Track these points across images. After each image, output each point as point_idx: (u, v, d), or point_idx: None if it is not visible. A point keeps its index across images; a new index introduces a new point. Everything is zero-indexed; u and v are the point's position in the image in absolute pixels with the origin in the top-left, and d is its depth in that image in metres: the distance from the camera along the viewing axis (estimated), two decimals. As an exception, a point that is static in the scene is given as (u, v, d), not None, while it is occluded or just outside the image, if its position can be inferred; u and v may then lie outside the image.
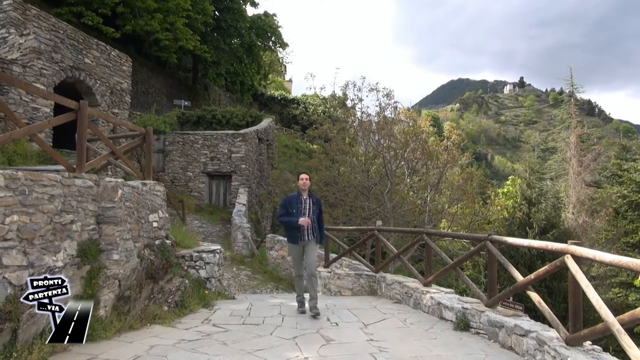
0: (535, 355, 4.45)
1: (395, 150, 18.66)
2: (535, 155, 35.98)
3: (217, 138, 21.83)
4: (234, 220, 17.07)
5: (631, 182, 18.73)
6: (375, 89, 20.23)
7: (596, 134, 32.91)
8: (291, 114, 39.54)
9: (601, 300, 3.58)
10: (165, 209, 7.91)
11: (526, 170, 24.34)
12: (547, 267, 4.64)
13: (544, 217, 19.66)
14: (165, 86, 29.94)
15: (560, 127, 29.33)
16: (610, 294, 16.90)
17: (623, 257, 3.54)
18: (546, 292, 16.27)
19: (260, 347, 4.96)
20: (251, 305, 7.35)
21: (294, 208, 6.41)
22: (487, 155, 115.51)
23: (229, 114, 25.17)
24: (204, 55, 29.01)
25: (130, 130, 9.37)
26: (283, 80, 59.56)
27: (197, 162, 21.71)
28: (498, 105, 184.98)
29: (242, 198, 19.54)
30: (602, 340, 7.35)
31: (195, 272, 7.71)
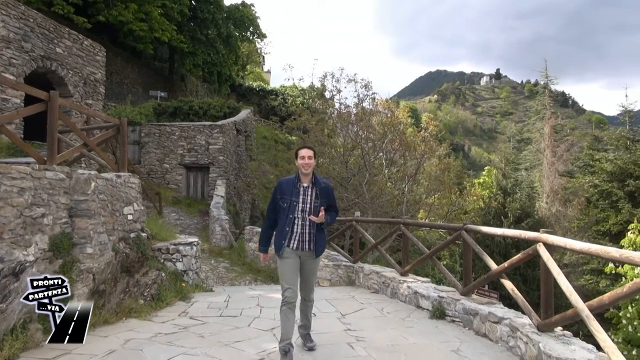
0: (509, 342, 4.55)
1: (373, 141, 18.72)
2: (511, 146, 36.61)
3: (194, 129, 21.56)
4: (212, 212, 16.94)
5: (602, 172, 19.20)
6: (354, 80, 20.24)
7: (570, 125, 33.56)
8: (270, 105, 39.29)
9: (571, 287, 3.67)
10: (141, 201, 7.80)
11: (502, 160, 24.72)
12: (520, 255, 4.73)
13: (518, 207, 20.03)
14: (141, 77, 29.37)
15: (535, 118, 29.84)
16: (582, 281, 17.37)
17: (592, 244, 3.63)
18: (520, 280, 16.63)
19: (238, 338, 4.95)
20: (229, 297, 7.32)
21: (286, 201, 4.18)
22: (464, 146, 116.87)
23: (206, 105, 24.86)
24: (180, 46, 28.55)
25: (104, 122, 9.20)
26: (261, 71, 59.04)
27: (174, 153, 21.42)
28: (475, 96, 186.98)
29: (220, 190, 19.40)
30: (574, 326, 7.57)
31: (172, 264, 7.64)
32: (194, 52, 30.68)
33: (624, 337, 9.20)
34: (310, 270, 4.41)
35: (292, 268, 4.24)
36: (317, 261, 4.47)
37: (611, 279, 13.55)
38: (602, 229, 18.14)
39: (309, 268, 4.39)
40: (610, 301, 3.29)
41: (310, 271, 4.43)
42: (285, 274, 4.23)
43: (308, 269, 4.38)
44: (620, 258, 3.19)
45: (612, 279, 13.83)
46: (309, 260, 4.33)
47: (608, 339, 3.11)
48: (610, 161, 19.38)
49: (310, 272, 4.44)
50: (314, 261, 4.40)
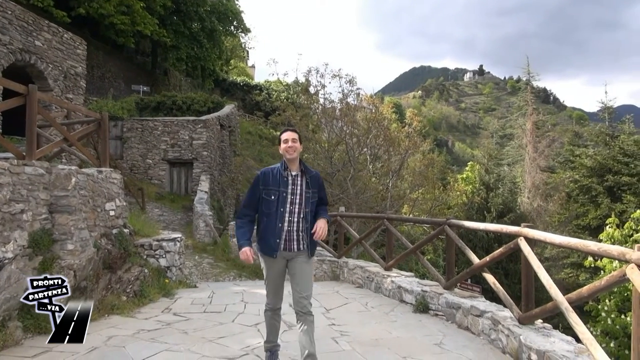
0: (490, 335, 4.61)
1: (358, 136, 18.76)
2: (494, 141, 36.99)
3: (177, 124, 21.36)
4: (196, 208, 16.83)
5: (582, 167, 19.51)
6: (338, 75, 20.20)
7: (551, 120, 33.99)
8: (254, 100, 39.05)
9: (551, 280, 3.73)
10: (123, 197, 7.71)
11: (485, 156, 24.99)
12: (501, 249, 4.79)
13: (501, 202, 20.27)
14: (123, 71, 28.96)
15: (517, 114, 30.17)
16: (563, 275, 17.65)
17: (572, 238, 3.70)
18: (503, 273, 16.85)
19: (222, 334, 4.94)
20: (213, 293, 7.29)
21: (273, 192, 3.56)
22: (448, 141, 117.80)
23: (190, 100, 24.64)
24: (162, 40, 28.20)
25: (85, 116, 9.05)
26: (245, 66, 58.66)
27: (157, 149, 21.20)
28: (459, 92, 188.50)
29: (204, 185, 19.26)
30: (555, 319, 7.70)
31: (155, 261, 7.57)
32: (177, 46, 30.35)
33: (602, 330, 9.39)
34: (305, 273, 3.62)
35: (280, 274, 3.72)
36: (311, 263, 3.76)
37: (591, 272, 13.81)
38: (582, 224, 18.44)
39: (303, 270, 3.61)
40: (589, 294, 3.35)
41: (306, 275, 3.62)
42: (272, 280, 3.74)
43: (301, 272, 3.61)
44: (598, 251, 3.26)
45: (591, 273, 14.09)
46: (301, 261, 3.62)
47: (587, 330, 3.17)
48: (590, 157, 19.69)
49: (306, 276, 3.62)
50: (308, 262, 3.66)
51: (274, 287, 3.80)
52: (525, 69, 28.80)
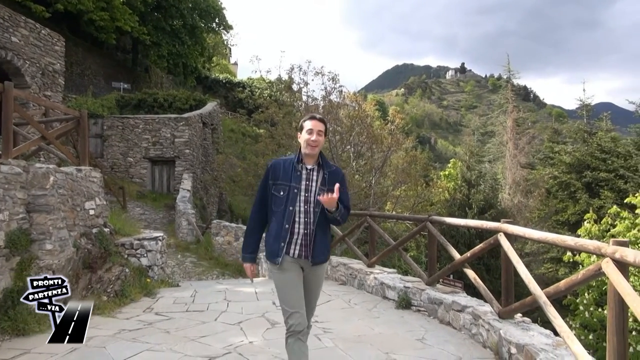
0: (471, 329, 4.67)
1: (341, 134, 18.78)
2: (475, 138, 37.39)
3: (159, 122, 21.15)
4: (178, 206, 16.70)
5: (561, 164, 19.83)
6: (321, 72, 20.18)
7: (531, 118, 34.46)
8: (237, 98, 38.79)
9: (529, 275, 3.80)
10: (104, 196, 7.62)
11: (466, 153, 25.20)
12: (482, 245, 4.86)
13: (482, 198, 20.47)
14: (103, 68, 28.52)
15: (498, 111, 30.57)
16: (543, 269, 17.92)
17: (550, 234, 3.76)
18: (484, 269, 17.04)
19: (204, 333, 4.91)
20: (195, 292, 7.25)
21: (283, 187, 3.02)
22: (430, 138, 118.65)
23: (171, 98, 24.41)
24: (143, 37, 27.85)
25: (64, 114, 8.91)
26: (228, 63, 58.24)
27: (138, 147, 20.96)
28: (441, 90, 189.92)
29: (187, 184, 19.12)
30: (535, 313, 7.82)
31: (136, 260, 7.50)
32: (158, 43, 29.99)
33: (581, 323, 9.58)
34: (315, 284, 3.17)
35: (296, 284, 3.04)
36: (323, 270, 3.25)
37: (569, 267, 14.05)
38: (561, 219, 18.76)
39: (314, 281, 3.15)
40: (566, 288, 3.41)
41: (316, 286, 3.19)
42: (288, 293, 3.02)
43: (313, 282, 3.14)
44: (575, 246, 3.32)
45: (570, 267, 14.34)
46: (313, 270, 3.10)
47: (564, 324, 3.23)
48: (568, 153, 20.03)
49: (316, 287, 3.20)
50: (321, 270, 3.17)
51: (292, 302, 2.99)
52: (505, 67, 29.20)
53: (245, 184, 21.00)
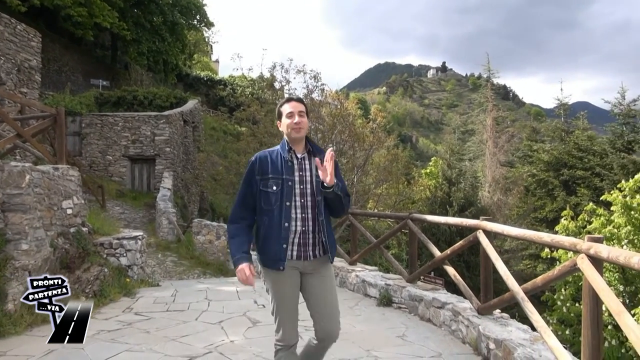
0: (451, 326, 4.72)
1: (323, 132, 18.80)
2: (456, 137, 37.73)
3: (139, 120, 20.89)
4: (159, 205, 16.53)
5: (540, 162, 20.18)
6: (303, 71, 20.15)
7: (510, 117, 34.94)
8: (218, 96, 38.54)
9: (508, 271, 3.85)
10: (82, 194, 7.50)
11: (447, 151, 25.47)
12: (462, 242, 4.91)
13: (462, 196, 20.71)
14: (81, 64, 28.04)
15: (478, 110, 30.88)
16: (521, 266, 18.22)
17: (527, 230, 3.83)
18: (464, 266, 17.24)
19: (185, 333, 4.87)
20: (176, 292, 7.18)
21: (276, 182, 2.64)
22: (412, 137, 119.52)
23: (151, 95, 24.12)
24: (123, 33, 27.44)
25: (40, 111, 8.75)
26: (209, 60, 57.83)
27: (117, 145, 20.68)
28: (422, 89, 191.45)
29: (167, 182, 18.94)
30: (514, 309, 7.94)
31: (115, 260, 7.40)
32: (138, 40, 29.61)
33: (558, 318, 9.76)
34: (324, 287, 2.71)
35: (294, 293, 2.70)
36: (331, 271, 2.81)
37: (547, 263, 14.28)
38: (540, 216, 19.09)
39: (323, 284, 2.71)
40: (543, 283, 3.48)
41: (327, 289, 2.72)
42: (285, 303, 2.68)
43: (321, 286, 2.70)
44: (552, 242, 3.38)
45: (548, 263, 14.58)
46: (322, 274, 2.71)
47: (541, 319, 3.28)
48: (546, 152, 20.38)
49: (328, 291, 2.72)
50: (327, 270, 2.75)
51: (288, 313, 2.69)
52: (485, 67, 29.48)
53: (226, 183, 20.86)
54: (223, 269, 12.45)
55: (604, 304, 2.56)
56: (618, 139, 17.84)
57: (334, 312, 2.72)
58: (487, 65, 29.14)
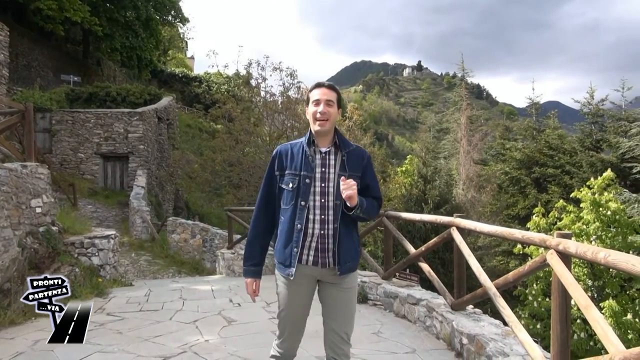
0: (425, 322, 4.77)
1: (299, 130, 18.76)
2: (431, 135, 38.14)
3: (111, 117, 20.50)
4: (132, 203, 16.26)
5: (512, 160, 20.53)
6: (279, 68, 20.07)
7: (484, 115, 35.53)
8: (193, 93, 38.14)
9: (480, 267, 3.92)
10: (52, 193, 7.31)
11: (422, 149, 25.67)
12: (436, 239, 4.98)
13: (437, 194, 20.92)
14: (52, 60, 27.33)
15: (453, 109, 31.25)
16: (495, 262, 18.51)
17: (499, 227, 3.89)
18: (440, 263, 17.42)
19: (159, 333, 4.81)
20: (150, 291, 7.08)
21: (292, 178, 2.39)
22: (388, 135, 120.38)
23: (125, 91, 23.70)
24: (94, 28, 26.82)
25: (7, 107, 8.49)
26: (184, 57, 57.06)
27: (89, 142, 20.25)
28: (398, 87, 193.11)
29: (141, 180, 18.64)
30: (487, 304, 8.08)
31: (87, 259, 7.25)
32: (111, 35, 28.98)
33: (530, 312, 9.97)
34: (343, 299, 2.45)
35: (304, 303, 2.47)
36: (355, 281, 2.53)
37: (520, 259, 14.58)
38: (512, 213, 19.43)
39: (341, 296, 2.44)
40: (514, 279, 3.54)
41: (345, 302, 2.45)
42: (291, 312, 2.46)
43: (339, 297, 2.44)
44: (522, 239, 3.45)
45: (520, 259, 14.89)
46: (339, 280, 2.42)
47: (512, 314, 3.35)
48: (519, 150, 20.74)
49: (346, 304, 2.46)
50: (350, 281, 2.47)
51: (293, 325, 2.47)
52: (460, 66, 29.81)
53: (202, 180, 20.65)
54: (198, 268, 12.33)
55: (573, 299, 2.63)
56: (587, 137, 18.27)
57: (346, 326, 2.47)
58: (461, 65, 29.51)
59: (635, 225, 9.63)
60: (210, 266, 12.11)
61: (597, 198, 9.21)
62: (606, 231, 9.04)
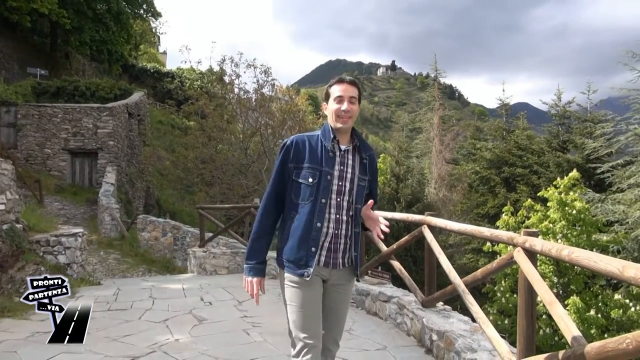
0: (397, 319, 4.83)
1: (273, 127, 18.71)
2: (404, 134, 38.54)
3: (80, 112, 19.99)
4: (101, 201, 15.92)
5: (482, 160, 20.94)
6: (253, 65, 19.97)
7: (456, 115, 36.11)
8: (166, 88, 37.48)
9: (450, 265, 3.98)
10: (16, 189, 7.10)
11: (395, 148, 25.91)
12: (407, 237, 5.04)
13: (410, 192, 21.17)
14: (17, 52, 26.44)
15: (426, 109, 31.64)
16: (465, 260, 18.85)
17: (469, 225, 3.97)
18: (411, 260, 17.64)
19: (127, 332, 4.72)
20: (119, 290, 6.94)
21: (312, 173, 2.26)
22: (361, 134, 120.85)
23: (94, 86, 23.15)
24: (62, 21, 26.07)
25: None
26: (156, 52, 56.11)
27: (56, 137, 19.71)
28: (372, 86, 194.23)
29: (110, 177, 18.25)
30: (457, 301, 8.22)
31: (53, 258, 7.06)
32: (80, 28, 28.22)
33: (498, 309, 10.19)
34: (344, 301, 2.42)
35: (316, 303, 2.31)
36: (352, 284, 2.50)
37: (489, 257, 14.89)
38: (482, 212, 19.82)
39: (343, 298, 2.41)
40: (483, 276, 3.61)
41: (344, 303, 2.43)
42: (310, 317, 2.26)
43: (341, 298, 2.40)
44: (491, 237, 3.52)
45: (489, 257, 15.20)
46: (344, 285, 2.39)
47: (480, 310, 3.42)
48: (489, 150, 21.16)
49: (345, 305, 2.44)
50: (351, 287, 2.48)
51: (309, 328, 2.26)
52: (433, 66, 30.15)
53: (174, 178, 20.40)
54: (169, 266, 12.16)
55: (538, 295, 2.69)
56: (554, 138, 18.78)
57: (340, 329, 2.43)
58: (434, 65, 29.85)
59: (599, 224, 9.95)
60: (181, 265, 11.96)
61: (563, 197, 9.47)
62: (571, 230, 9.30)
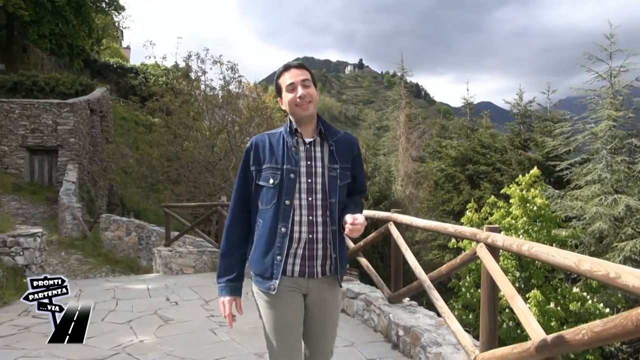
0: (364, 315, 4.87)
1: (240, 125, 18.54)
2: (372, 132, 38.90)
3: (39, 107, 19.33)
4: (62, 199, 15.45)
5: (447, 158, 21.32)
6: (220, 61, 19.72)
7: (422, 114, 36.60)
8: (129, 84, 36.60)
9: (416, 261, 4.04)
10: (-31, 188, 6.80)
11: (363, 146, 26.18)
12: (374, 234, 5.09)
13: (377, 190, 21.41)
14: (-30, 45, 25.39)
15: (392, 107, 31.95)
16: (431, 256, 19.17)
17: (433, 222, 4.04)
18: (379, 257, 17.83)
19: (90, 334, 4.54)
20: (80, 292, 6.76)
21: (272, 173, 1.99)
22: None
23: (54, 81, 22.46)
24: (19, 13, 25.09)
25: None
26: (120, 47, 54.71)
27: (13, 134, 19.00)
28: (340, 84, 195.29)
29: (72, 175, 17.74)
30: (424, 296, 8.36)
31: (10, 259, 6.82)
32: (38, 21, 27.22)
33: (463, 303, 10.40)
34: (329, 313, 2.11)
35: (296, 324, 2.03)
36: (338, 294, 2.17)
37: (454, 253, 15.19)
38: (448, 209, 20.18)
39: (328, 309, 2.10)
40: (447, 271, 3.68)
41: (331, 316, 2.12)
42: (283, 338, 2.01)
43: (326, 310, 2.10)
44: (455, 233, 3.59)
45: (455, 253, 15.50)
46: (325, 297, 2.08)
47: (445, 305, 3.48)
48: (454, 148, 21.56)
49: (331, 323, 2.13)
50: (336, 300, 2.15)
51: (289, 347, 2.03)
52: (399, 65, 30.45)
53: (138, 176, 19.96)
54: (134, 266, 11.91)
55: (500, 289, 2.77)
56: (516, 137, 19.30)
57: (327, 344, 2.13)
58: (401, 64, 30.16)
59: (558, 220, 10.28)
60: (146, 264, 11.73)
61: (524, 194, 9.73)
62: (532, 225, 9.58)
